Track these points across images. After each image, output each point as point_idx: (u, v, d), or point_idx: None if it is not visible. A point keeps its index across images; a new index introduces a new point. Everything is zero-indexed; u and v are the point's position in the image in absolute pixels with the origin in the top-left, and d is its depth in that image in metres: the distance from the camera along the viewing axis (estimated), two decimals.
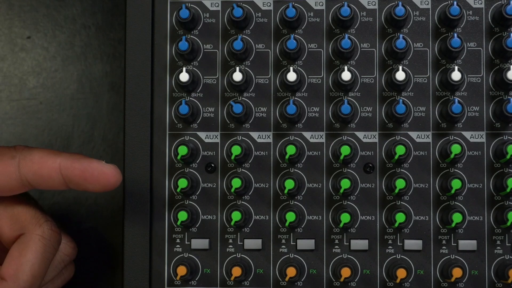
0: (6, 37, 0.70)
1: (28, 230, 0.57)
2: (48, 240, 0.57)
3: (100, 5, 0.70)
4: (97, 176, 0.56)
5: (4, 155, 0.56)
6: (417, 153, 0.60)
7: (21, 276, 0.56)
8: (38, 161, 0.56)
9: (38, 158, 0.56)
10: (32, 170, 0.56)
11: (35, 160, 0.56)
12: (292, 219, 0.59)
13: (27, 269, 0.56)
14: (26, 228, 0.57)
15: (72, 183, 0.56)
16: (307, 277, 0.60)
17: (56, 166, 0.56)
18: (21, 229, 0.57)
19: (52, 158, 0.56)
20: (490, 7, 0.60)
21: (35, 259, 0.56)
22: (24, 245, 0.57)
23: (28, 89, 0.70)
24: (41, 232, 0.57)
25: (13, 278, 0.56)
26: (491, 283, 0.60)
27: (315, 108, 0.61)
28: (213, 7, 0.62)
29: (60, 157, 0.56)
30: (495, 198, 0.60)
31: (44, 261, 0.57)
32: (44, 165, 0.56)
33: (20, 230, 0.57)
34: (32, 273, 0.56)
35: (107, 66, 0.69)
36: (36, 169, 0.56)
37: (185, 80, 0.60)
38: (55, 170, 0.56)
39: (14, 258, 0.56)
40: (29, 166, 0.56)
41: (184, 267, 0.60)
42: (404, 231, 0.60)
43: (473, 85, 0.60)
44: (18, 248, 0.57)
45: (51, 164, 0.56)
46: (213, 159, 0.61)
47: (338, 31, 0.61)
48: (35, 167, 0.56)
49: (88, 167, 0.56)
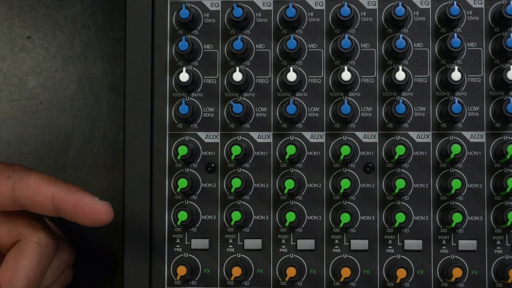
0: (6, 37, 0.70)
1: (25, 237, 0.57)
2: (44, 247, 0.57)
3: (100, 5, 0.70)
4: (88, 211, 0.56)
5: (1, 173, 0.56)
6: (417, 153, 0.60)
7: (16, 283, 0.56)
8: (33, 186, 0.56)
9: (34, 184, 0.56)
10: (26, 194, 0.56)
11: (30, 184, 0.56)
12: (292, 219, 0.59)
13: (23, 276, 0.56)
14: (22, 235, 0.57)
15: (63, 213, 0.56)
16: (307, 277, 0.60)
17: (50, 194, 0.56)
18: (18, 235, 0.57)
19: (47, 185, 0.56)
20: (490, 7, 0.60)
21: (31, 266, 0.56)
22: (20, 252, 0.57)
23: (28, 89, 0.70)
24: (37, 239, 0.57)
25: (9, 285, 0.56)
26: (491, 283, 0.60)
27: (315, 108, 0.61)
28: (213, 7, 0.62)
29: (55, 185, 0.56)
30: (495, 198, 0.60)
31: (40, 268, 0.57)
32: (39, 192, 0.56)
33: (16, 236, 0.57)
34: (28, 280, 0.56)
35: (107, 66, 0.69)
36: (30, 194, 0.56)
37: (185, 80, 0.60)
38: (48, 198, 0.56)
39: (10, 264, 0.56)
40: (23, 189, 0.56)
41: (184, 267, 0.60)
42: (404, 231, 0.60)
43: (473, 85, 0.60)
44: (14, 255, 0.57)
45: (46, 191, 0.56)
46: (213, 159, 0.61)
47: (338, 31, 0.61)
48: (29, 191, 0.56)
49: (80, 201, 0.56)
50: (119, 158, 0.66)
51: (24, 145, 0.69)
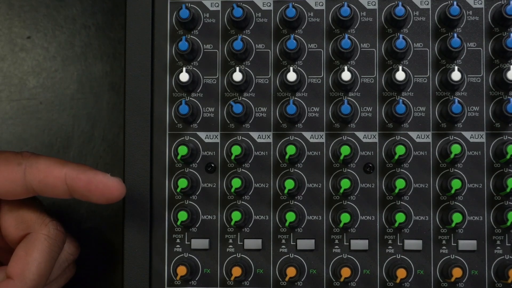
0: (6, 37, 0.70)
1: (34, 230, 0.57)
2: (54, 240, 0.57)
3: (100, 5, 0.70)
4: (102, 188, 0.57)
5: (11, 161, 0.57)
6: (417, 153, 0.60)
7: (28, 275, 0.56)
8: (44, 170, 0.56)
9: (45, 167, 0.56)
10: (37, 178, 0.56)
11: (41, 168, 0.56)
12: (292, 219, 0.59)
13: (34, 268, 0.56)
14: (31, 228, 0.58)
15: (76, 193, 0.57)
16: (307, 277, 0.60)
17: (62, 176, 0.56)
18: (27, 228, 0.58)
19: (58, 167, 0.57)
20: (490, 7, 0.60)
21: (41, 258, 0.57)
22: (30, 244, 0.57)
23: (28, 89, 0.70)
24: (47, 231, 0.57)
25: (20, 277, 0.56)
26: (491, 283, 0.60)
27: (315, 108, 0.61)
28: (213, 7, 0.62)
29: (66, 167, 0.57)
30: (495, 198, 0.60)
31: (50, 260, 0.57)
32: (50, 175, 0.56)
33: (25, 229, 0.58)
34: (39, 272, 0.57)
35: (107, 66, 0.69)
36: (42, 178, 0.56)
37: (185, 80, 0.60)
38: (60, 179, 0.56)
39: (20, 257, 0.57)
40: (35, 174, 0.56)
41: (184, 267, 0.60)
42: (404, 231, 0.60)
43: (473, 85, 0.60)
44: (24, 247, 0.57)
45: (57, 173, 0.56)
46: (213, 159, 0.61)
47: (338, 31, 0.61)
48: (41, 175, 0.56)
49: (93, 179, 0.56)
50: (119, 158, 0.66)
51: (24, 145, 0.69)
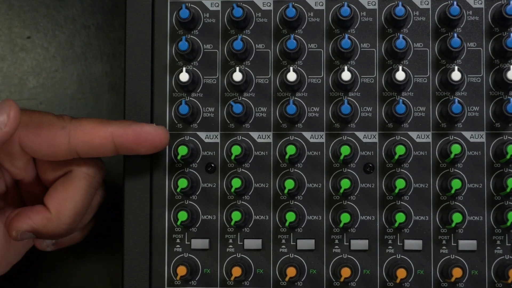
0: (6, 37, 0.70)
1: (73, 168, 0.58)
2: (93, 177, 0.59)
3: (100, 5, 0.70)
4: (151, 139, 0.58)
5: (53, 125, 0.57)
6: (417, 153, 0.60)
7: (64, 212, 0.57)
8: (90, 132, 0.57)
9: (90, 129, 0.57)
10: (83, 140, 0.57)
11: (86, 130, 0.57)
12: (292, 219, 0.59)
13: (71, 205, 0.58)
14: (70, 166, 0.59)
15: (124, 149, 0.58)
16: (307, 277, 0.60)
17: (108, 135, 0.57)
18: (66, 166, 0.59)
19: (103, 127, 0.57)
20: (490, 7, 0.60)
21: (79, 196, 0.58)
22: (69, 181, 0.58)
23: (28, 89, 0.70)
24: (86, 169, 0.58)
25: (57, 214, 0.57)
26: (491, 283, 0.60)
27: (315, 108, 0.61)
28: (213, 7, 0.62)
29: (110, 125, 0.57)
30: (495, 198, 0.60)
31: (86, 198, 0.58)
32: (96, 135, 0.57)
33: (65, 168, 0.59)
34: (75, 209, 0.58)
35: (107, 66, 0.69)
36: (88, 140, 0.57)
37: (185, 80, 0.60)
38: (107, 139, 0.57)
39: (58, 191, 0.58)
40: (80, 137, 0.57)
41: (184, 267, 0.60)
42: (404, 231, 0.60)
43: (473, 85, 0.60)
44: (63, 182, 0.58)
45: (103, 133, 0.57)
46: (213, 159, 0.61)
47: (338, 31, 0.61)
48: (87, 137, 0.57)
49: (141, 131, 0.57)
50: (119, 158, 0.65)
51: None
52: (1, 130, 0.53)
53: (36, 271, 0.68)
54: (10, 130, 0.54)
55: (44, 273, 0.68)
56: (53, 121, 0.57)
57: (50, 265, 0.68)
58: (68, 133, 0.56)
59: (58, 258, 0.68)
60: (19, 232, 0.57)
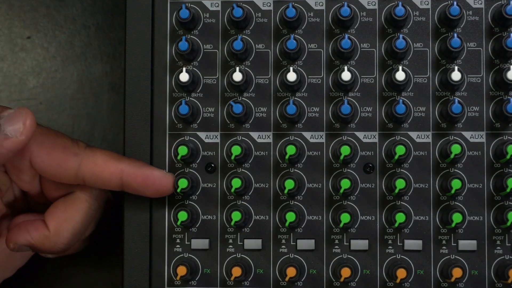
0: (6, 37, 0.70)
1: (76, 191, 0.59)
2: (94, 200, 0.59)
3: (100, 5, 0.70)
4: (158, 185, 0.58)
5: (67, 149, 0.57)
6: (417, 153, 0.60)
7: (63, 232, 0.58)
8: (101, 164, 0.57)
9: (102, 162, 0.57)
10: (93, 171, 0.57)
11: (99, 162, 0.57)
12: (292, 219, 0.59)
13: (70, 226, 0.58)
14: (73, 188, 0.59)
15: (129, 188, 0.58)
16: (307, 277, 0.60)
17: (118, 171, 0.57)
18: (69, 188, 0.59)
19: (115, 163, 0.57)
20: (490, 7, 0.60)
21: (79, 218, 0.58)
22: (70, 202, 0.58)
23: (28, 89, 0.70)
24: (89, 193, 0.59)
25: (55, 233, 0.57)
26: (491, 283, 0.60)
27: (315, 108, 0.61)
28: (213, 7, 0.62)
29: (122, 162, 0.57)
30: (495, 198, 0.60)
31: (86, 220, 0.59)
32: (106, 169, 0.57)
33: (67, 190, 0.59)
34: (74, 231, 0.58)
35: (107, 66, 0.69)
36: (98, 172, 0.57)
37: (185, 80, 0.60)
38: (116, 175, 0.57)
39: (58, 210, 0.58)
40: (91, 167, 0.57)
41: (184, 267, 0.60)
42: (404, 231, 0.60)
43: (473, 85, 0.60)
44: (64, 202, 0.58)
45: (113, 169, 0.57)
46: (213, 159, 0.61)
47: (338, 31, 0.61)
48: (98, 169, 0.57)
49: (150, 176, 0.58)
50: None
51: None
52: (17, 138, 0.53)
53: (36, 272, 0.68)
54: (25, 138, 0.54)
55: (44, 273, 0.68)
56: (67, 145, 0.57)
57: (50, 266, 0.68)
58: (80, 161, 0.57)
59: (58, 259, 0.68)
60: (16, 245, 0.58)
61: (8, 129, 0.53)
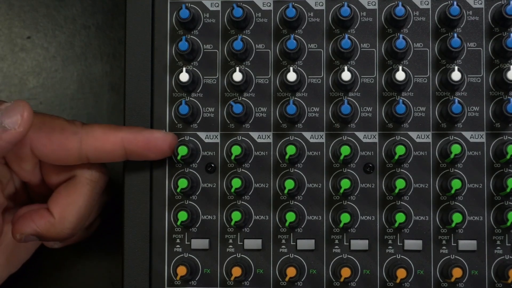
0: (6, 37, 0.70)
1: (77, 173, 0.59)
2: (96, 183, 0.59)
3: (100, 5, 0.70)
4: (161, 144, 0.58)
5: (65, 130, 0.57)
6: (417, 153, 0.60)
7: (67, 217, 0.58)
8: (101, 137, 0.57)
9: (101, 135, 0.57)
10: (94, 146, 0.57)
11: (98, 136, 0.57)
12: (292, 219, 0.59)
13: (74, 211, 0.58)
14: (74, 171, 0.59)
15: (133, 155, 0.58)
16: (307, 277, 0.60)
17: (119, 140, 0.57)
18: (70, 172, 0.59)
19: (114, 133, 0.57)
20: (490, 7, 0.60)
21: (82, 202, 0.58)
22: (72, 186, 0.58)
23: (28, 89, 0.70)
24: (90, 174, 0.59)
25: (60, 219, 0.58)
26: (491, 283, 0.60)
27: (315, 108, 0.61)
28: (213, 7, 0.62)
29: (121, 131, 0.58)
30: (495, 198, 0.60)
31: (90, 203, 0.59)
32: (107, 141, 0.57)
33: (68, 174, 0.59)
34: (78, 215, 0.58)
35: (107, 66, 0.69)
36: (99, 145, 0.57)
37: (185, 80, 0.60)
38: (118, 145, 0.57)
39: (61, 197, 0.58)
40: (91, 142, 0.57)
41: (184, 267, 0.60)
42: (404, 231, 0.60)
43: (473, 85, 0.60)
44: (66, 187, 0.59)
45: (114, 139, 0.57)
46: (213, 159, 0.61)
47: (338, 31, 0.61)
48: (98, 143, 0.57)
49: (151, 137, 0.58)
50: None
51: None
52: (15, 130, 0.54)
53: (36, 271, 0.68)
54: (24, 130, 0.54)
55: (44, 273, 0.68)
56: (65, 126, 0.57)
57: (50, 265, 0.68)
58: (80, 139, 0.57)
59: (58, 258, 0.68)
60: (23, 235, 0.58)
61: (6, 122, 0.54)
